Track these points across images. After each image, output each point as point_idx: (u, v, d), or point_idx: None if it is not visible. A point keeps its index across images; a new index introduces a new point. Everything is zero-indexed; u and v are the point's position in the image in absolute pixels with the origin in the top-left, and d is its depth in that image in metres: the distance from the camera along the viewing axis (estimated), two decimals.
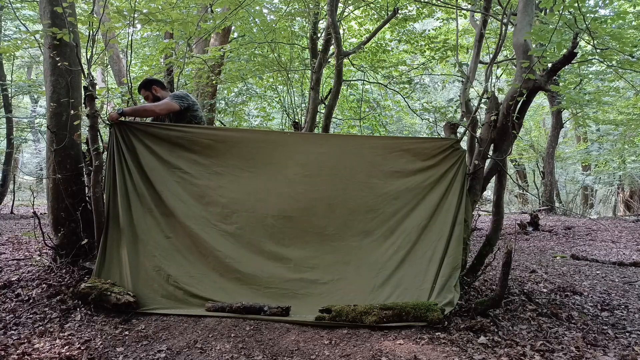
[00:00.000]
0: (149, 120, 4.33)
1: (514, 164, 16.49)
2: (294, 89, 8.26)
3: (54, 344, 2.80)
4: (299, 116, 8.06)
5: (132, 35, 4.78)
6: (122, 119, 3.84)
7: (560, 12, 3.53)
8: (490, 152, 4.03)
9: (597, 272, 5.36)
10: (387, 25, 8.11)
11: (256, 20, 7.55)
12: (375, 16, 8.67)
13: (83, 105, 4.04)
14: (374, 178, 3.95)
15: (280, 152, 3.97)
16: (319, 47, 7.02)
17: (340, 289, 3.65)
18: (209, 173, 3.93)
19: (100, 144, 3.84)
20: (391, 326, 3.13)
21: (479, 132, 4.23)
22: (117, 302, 3.26)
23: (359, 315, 3.17)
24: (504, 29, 4.52)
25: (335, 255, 3.80)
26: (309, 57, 7.76)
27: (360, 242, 3.83)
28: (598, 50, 3.93)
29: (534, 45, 3.99)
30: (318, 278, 3.70)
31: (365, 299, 3.49)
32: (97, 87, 3.87)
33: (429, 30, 9.35)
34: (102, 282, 3.39)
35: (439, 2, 7.10)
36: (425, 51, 9.05)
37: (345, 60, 7.73)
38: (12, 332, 2.98)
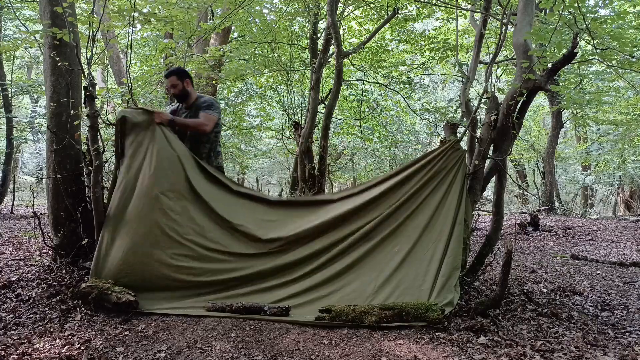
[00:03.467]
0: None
1: (514, 164, 16.48)
2: (294, 89, 8.25)
3: (54, 344, 2.80)
4: (299, 116, 8.06)
5: (132, 35, 4.77)
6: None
7: (560, 12, 3.53)
8: (490, 152, 4.03)
9: (597, 272, 5.36)
10: (387, 25, 8.11)
11: (256, 20, 7.55)
12: (375, 16, 8.67)
13: (83, 105, 4.04)
14: (374, 182, 3.97)
15: None
16: (319, 47, 7.02)
17: (341, 289, 3.65)
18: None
19: (100, 144, 3.84)
20: (391, 326, 3.13)
21: (479, 132, 4.23)
22: (118, 301, 3.26)
23: (359, 315, 3.17)
24: (504, 29, 4.52)
25: (336, 257, 3.81)
26: (309, 57, 7.76)
27: (361, 245, 3.84)
28: (598, 50, 3.93)
29: (534, 45, 3.99)
30: (319, 279, 3.70)
31: (366, 299, 3.49)
32: (97, 87, 3.87)
33: (429, 30, 9.35)
34: (103, 282, 3.40)
35: (439, 2, 7.10)
36: (425, 51, 9.06)
37: (345, 60, 7.72)
38: (12, 332, 2.98)
